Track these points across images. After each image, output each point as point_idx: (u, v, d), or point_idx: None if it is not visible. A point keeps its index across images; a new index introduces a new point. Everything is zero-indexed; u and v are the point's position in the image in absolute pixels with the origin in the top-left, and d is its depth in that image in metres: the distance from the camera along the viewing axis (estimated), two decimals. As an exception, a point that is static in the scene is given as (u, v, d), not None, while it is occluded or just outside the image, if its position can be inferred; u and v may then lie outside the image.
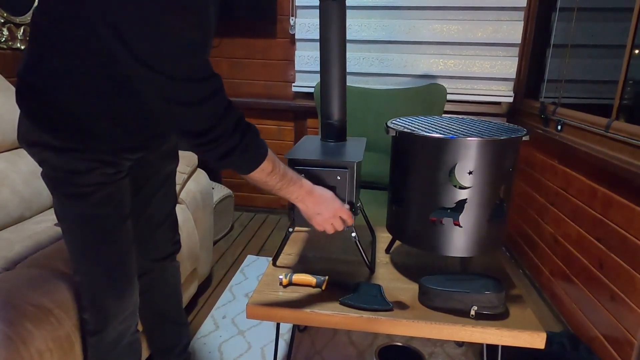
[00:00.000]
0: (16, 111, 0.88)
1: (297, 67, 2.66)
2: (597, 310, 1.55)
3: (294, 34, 2.62)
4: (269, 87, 2.77)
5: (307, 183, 0.99)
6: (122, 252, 0.98)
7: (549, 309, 1.91)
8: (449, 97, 2.26)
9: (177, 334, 1.36)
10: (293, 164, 1.09)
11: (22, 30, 2.10)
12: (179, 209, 1.70)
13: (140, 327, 1.13)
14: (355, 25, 2.51)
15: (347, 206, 1.06)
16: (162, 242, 1.21)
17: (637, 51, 1.56)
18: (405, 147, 1.10)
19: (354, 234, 1.13)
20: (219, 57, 2.78)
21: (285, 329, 1.66)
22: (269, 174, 0.90)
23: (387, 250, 1.32)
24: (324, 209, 1.02)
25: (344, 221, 1.05)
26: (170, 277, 1.31)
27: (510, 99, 2.48)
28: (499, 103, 2.54)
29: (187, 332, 1.40)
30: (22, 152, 1.52)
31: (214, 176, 2.66)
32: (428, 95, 2.26)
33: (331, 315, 1.01)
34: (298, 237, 1.41)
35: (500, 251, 2.43)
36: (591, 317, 1.59)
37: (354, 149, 1.21)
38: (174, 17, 0.69)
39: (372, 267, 1.21)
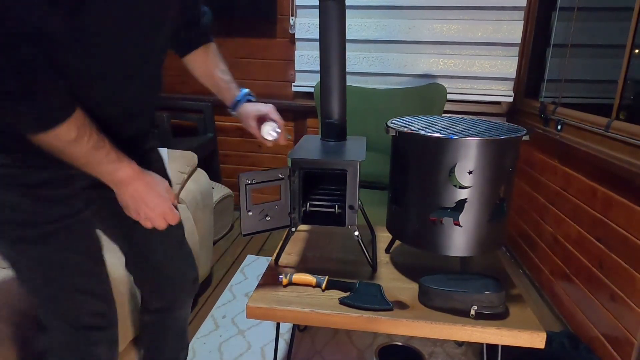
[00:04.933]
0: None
1: (297, 67, 2.66)
2: (597, 310, 1.55)
3: (294, 34, 2.62)
4: (269, 86, 2.77)
5: (133, 167, 0.84)
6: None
7: (549, 308, 1.91)
8: (448, 96, 2.26)
9: None
10: (295, 163, 1.09)
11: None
12: (179, 208, 1.70)
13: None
14: (355, 25, 2.51)
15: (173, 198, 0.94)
16: (170, 282, 1.09)
17: (637, 51, 1.56)
18: (405, 146, 1.10)
19: (356, 233, 1.13)
20: (219, 57, 2.78)
21: (285, 328, 1.66)
22: (70, 143, 0.74)
23: (387, 250, 1.32)
24: (150, 200, 0.87)
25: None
26: (182, 323, 1.20)
27: (510, 99, 2.48)
28: (499, 103, 2.54)
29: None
30: None
31: (214, 176, 2.66)
32: (428, 94, 2.26)
33: (331, 314, 1.01)
34: (299, 237, 1.41)
35: (500, 251, 2.43)
36: (591, 317, 1.59)
37: (356, 148, 1.21)
38: None
39: (374, 266, 1.21)
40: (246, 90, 1.12)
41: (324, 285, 1.09)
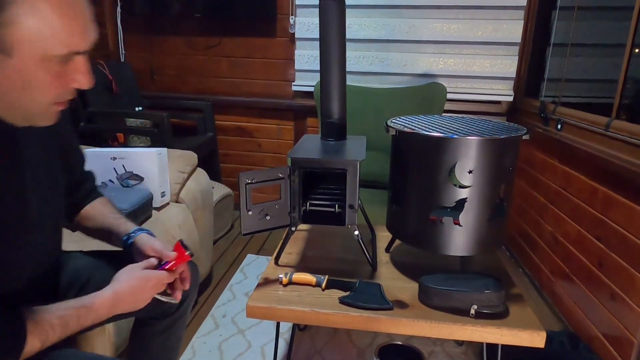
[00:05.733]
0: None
1: (297, 66, 2.66)
2: (597, 309, 1.55)
3: (293, 33, 2.62)
4: (269, 86, 2.77)
5: (106, 298, 0.81)
6: None
7: (549, 308, 1.91)
8: (448, 96, 2.26)
9: None
10: (295, 163, 1.09)
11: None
12: (179, 208, 1.71)
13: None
14: (355, 25, 2.51)
15: (155, 261, 0.92)
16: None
17: (637, 50, 1.56)
18: (405, 146, 1.10)
19: (356, 232, 1.13)
20: (219, 56, 2.78)
21: (285, 328, 1.66)
22: (37, 350, 0.72)
23: (387, 249, 1.32)
24: (144, 294, 0.87)
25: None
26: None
27: (510, 98, 2.48)
28: (499, 102, 2.54)
29: None
30: None
31: (214, 175, 2.66)
32: (428, 94, 2.26)
33: (331, 314, 1.01)
34: (298, 237, 1.41)
35: (500, 250, 2.43)
36: (591, 316, 1.59)
37: (356, 147, 1.21)
38: None
39: (374, 265, 1.21)
40: (145, 230, 1.04)
41: (324, 285, 1.09)
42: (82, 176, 1.04)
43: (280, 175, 1.10)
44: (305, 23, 2.57)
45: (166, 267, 0.91)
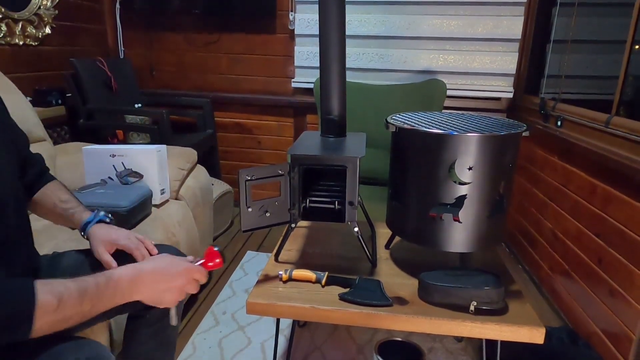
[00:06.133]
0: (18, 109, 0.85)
1: (296, 63, 2.65)
2: (596, 306, 1.55)
3: (293, 30, 2.61)
4: (269, 82, 2.76)
5: (125, 272, 0.78)
6: None
7: (548, 304, 1.91)
8: (448, 92, 2.26)
9: None
10: (295, 159, 1.09)
11: (20, 26, 2.10)
12: (179, 205, 1.71)
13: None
14: (355, 21, 2.51)
15: (191, 258, 0.89)
16: None
17: (637, 46, 1.55)
18: (405, 142, 1.10)
19: (356, 229, 1.13)
20: (218, 53, 2.77)
21: (285, 324, 1.67)
22: (55, 311, 0.67)
23: (387, 246, 1.32)
24: (170, 282, 0.82)
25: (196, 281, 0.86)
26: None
27: (510, 95, 2.47)
28: (498, 99, 2.54)
29: None
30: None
31: (214, 172, 2.66)
32: (428, 90, 2.26)
33: (331, 310, 1.01)
34: (298, 233, 1.41)
35: (499, 247, 2.43)
36: (590, 313, 1.60)
37: (355, 144, 1.21)
38: None
39: (374, 262, 1.21)
40: (101, 214, 1.02)
41: (323, 281, 1.10)
42: (30, 158, 1.03)
43: (280, 172, 1.10)
44: (305, 19, 2.56)
45: (200, 263, 0.88)
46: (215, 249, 0.91)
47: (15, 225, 0.86)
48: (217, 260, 0.90)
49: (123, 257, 0.93)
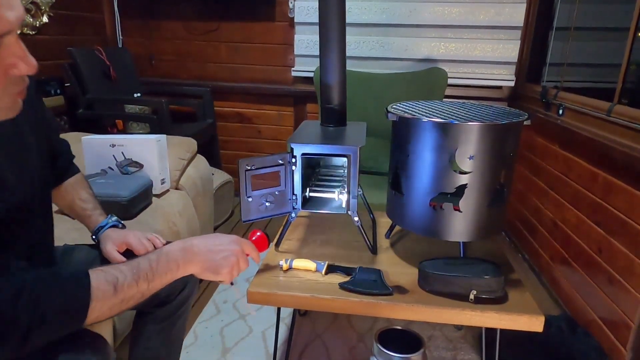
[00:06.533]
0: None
1: (296, 51, 2.63)
2: (596, 294, 1.56)
3: (293, 18, 2.59)
4: (268, 71, 2.74)
5: (175, 244, 0.79)
6: None
7: (548, 293, 1.92)
8: (449, 81, 2.24)
9: None
10: (295, 149, 1.08)
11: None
12: (179, 195, 1.71)
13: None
14: (355, 9, 2.48)
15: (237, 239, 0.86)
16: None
17: (640, 34, 1.54)
18: (406, 131, 1.09)
19: (356, 219, 1.13)
20: (218, 42, 2.75)
21: (286, 313, 1.68)
22: (114, 296, 0.69)
23: (387, 235, 1.32)
24: (224, 248, 0.81)
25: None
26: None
27: (512, 83, 2.46)
28: (500, 87, 2.53)
29: None
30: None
31: (214, 162, 2.66)
32: (429, 79, 2.24)
33: (331, 299, 1.02)
34: (299, 223, 1.41)
35: (500, 236, 2.44)
36: (589, 301, 1.60)
37: (356, 133, 1.20)
38: None
39: (374, 251, 1.21)
40: (114, 219, 1.05)
41: (324, 271, 1.10)
42: (59, 144, 1.04)
43: (280, 161, 1.10)
44: (305, 7, 2.54)
45: (253, 239, 0.90)
46: (259, 233, 0.94)
47: (40, 225, 0.87)
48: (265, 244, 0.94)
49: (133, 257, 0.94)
